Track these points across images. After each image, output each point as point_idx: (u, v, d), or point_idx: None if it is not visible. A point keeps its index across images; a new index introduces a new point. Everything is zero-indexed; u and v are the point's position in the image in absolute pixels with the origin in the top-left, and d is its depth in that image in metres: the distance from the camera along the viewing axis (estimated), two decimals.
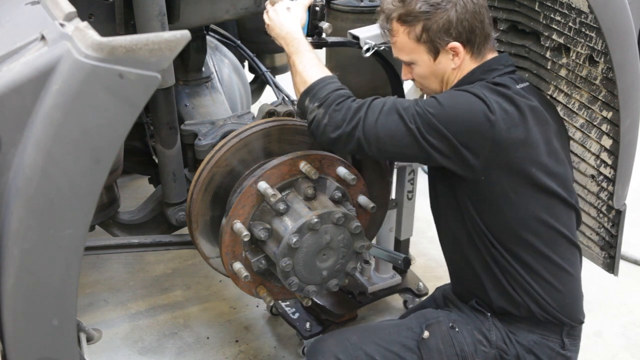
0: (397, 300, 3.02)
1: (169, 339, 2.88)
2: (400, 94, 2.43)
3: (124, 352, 2.81)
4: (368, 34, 2.20)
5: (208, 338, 2.88)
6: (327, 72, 1.88)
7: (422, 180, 3.58)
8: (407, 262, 2.71)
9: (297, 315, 2.73)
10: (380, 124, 1.75)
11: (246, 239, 1.98)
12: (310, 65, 1.88)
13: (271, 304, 2.42)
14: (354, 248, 2.09)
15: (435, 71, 1.85)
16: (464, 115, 1.72)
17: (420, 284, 2.91)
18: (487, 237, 1.85)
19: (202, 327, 2.94)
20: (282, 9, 1.98)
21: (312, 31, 2.12)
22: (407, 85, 2.50)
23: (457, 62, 1.82)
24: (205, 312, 3.03)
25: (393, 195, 2.73)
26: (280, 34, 1.96)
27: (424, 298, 2.96)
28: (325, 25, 2.10)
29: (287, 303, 2.71)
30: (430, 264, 3.23)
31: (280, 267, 1.98)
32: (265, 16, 2.02)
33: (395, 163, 2.57)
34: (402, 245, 2.86)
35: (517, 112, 1.74)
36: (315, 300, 2.69)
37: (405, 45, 1.84)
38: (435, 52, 1.81)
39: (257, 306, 3.04)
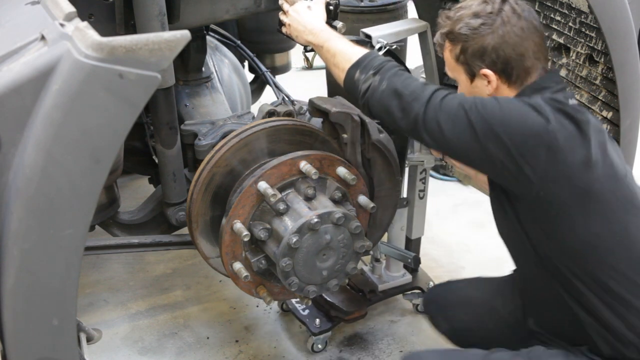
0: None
1: (169, 339, 2.88)
2: None
3: (124, 352, 2.81)
4: (380, 33, 2.22)
5: (208, 338, 2.88)
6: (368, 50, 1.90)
7: (433, 180, 3.58)
8: (417, 260, 2.72)
9: (306, 311, 2.74)
10: (445, 109, 1.68)
11: (246, 239, 1.98)
12: (349, 45, 1.90)
13: (271, 304, 2.42)
14: (353, 248, 2.09)
15: (472, 93, 1.80)
16: (519, 120, 1.65)
17: (431, 283, 2.92)
18: (568, 268, 1.74)
19: (202, 327, 2.94)
20: (303, 8, 2.01)
21: None
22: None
23: (491, 89, 1.76)
24: (205, 312, 3.03)
25: (405, 194, 2.74)
26: (305, 32, 1.98)
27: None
28: (339, 24, 2.12)
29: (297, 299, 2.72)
30: (430, 264, 3.23)
31: (280, 267, 1.98)
32: (284, 18, 2.05)
33: (407, 161, 2.58)
34: (413, 244, 2.87)
35: (575, 127, 1.66)
36: (325, 297, 2.70)
37: (449, 62, 1.83)
38: (471, 75, 1.78)
39: (257, 306, 3.04)
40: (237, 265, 2.05)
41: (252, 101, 3.33)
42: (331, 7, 2.09)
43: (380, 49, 2.22)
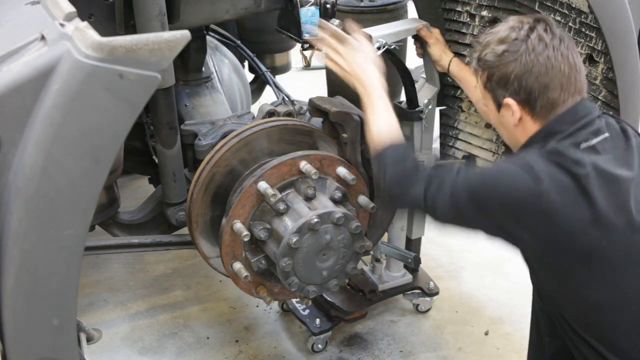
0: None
1: (169, 339, 2.88)
2: (412, 91, 2.44)
3: (124, 352, 2.81)
4: (380, 33, 2.22)
5: (208, 338, 2.88)
6: (395, 132, 1.80)
7: None
8: (417, 260, 2.71)
9: (307, 311, 2.74)
10: (439, 209, 1.69)
11: (246, 239, 1.98)
12: (385, 123, 1.81)
13: (271, 304, 2.42)
14: (353, 248, 2.09)
15: (501, 122, 1.74)
16: (507, 186, 1.58)
17: (431, 283, 2.92)
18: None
19: (202, 327, 2.94)
20: (362, 50, 1.92)
21: None
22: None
23: (515, 120, 1.67)
24: (205, 312, 3.03)
25: None
26: (358, 77, 1.88)
27: (434, 297, 2.95)
28: (335, 22, 2.12)
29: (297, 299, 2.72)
30: (430, 264, 3.23)
31: (280, 267, 1.98)
32: (336, 56, 1.94)
33: None
34: (413, 244, 2.86)
35: (573, 183, 1.54)
36: (326, 297, 2.70)
37: (481, 89, 1.75)
38: (497, 104, 1.70)
39: (257, 306, 3.04)
40: (237, 265, 2.05)
41: (252, 101, 3.33)
42: (328, 6, 2.09)
43: (379, 48, 2.22)
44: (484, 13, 2.35)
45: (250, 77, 3.32)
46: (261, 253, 2.07)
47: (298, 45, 2.26)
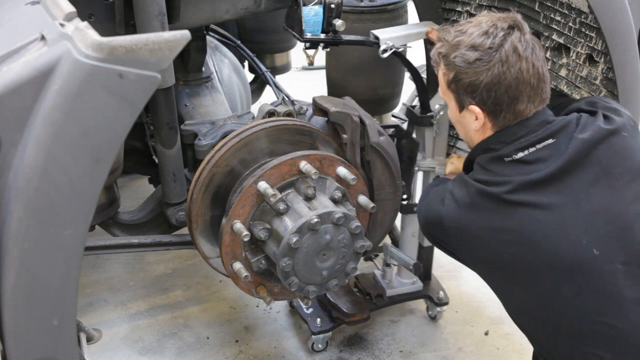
0: (418, 303, 3.03)
1: (169, 339, 2.88)
2: (423, 91, 2.43)
3: (124, 352, 2.81)
4: (390, 35, 2.22)
5: (208, 338, 2.88)
6: None
7: None
8: (418, 268, 2.69)
9: (310, 310, 2.74)
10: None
11: (246, 239, 1.98)
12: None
13: (271, 304, 2.42)
14: (354, 248, 2.09)
15: (460, 122, 1.76)
16: (426, 213, 1.85)
17: (441, 292, 2.88)
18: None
19: (202, 327, 2.94)
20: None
21: (327, 29, 2.14)
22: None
23: (477, 125, 1.69)
24: (205, 312, 3.03)
25: (417, 200, 2.71)
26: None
27: (444, 307, 2.93)
28: (339, 22, 2.12)
29: None
30: None
31: (280, 267, 1.98)
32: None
33: (417, 167, 2.56)
34: (425, 251, 2.82)
35: (469, 200, 1.66)
36: (330, 297, 2.69)
37: (441, 84, 1.75)
38: (460, 106, 1.71)
39: (257, 306, 3.04)
40: (237, 265, 2.05)
41: (252, 101, 3.33)
42: (332, 6, 2.10)
43: (385, 50, 2.23)
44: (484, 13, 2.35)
45: (250, 77, 3.32)
46: (261, 253, 2.07)
47: (299, 45, 2.26)
